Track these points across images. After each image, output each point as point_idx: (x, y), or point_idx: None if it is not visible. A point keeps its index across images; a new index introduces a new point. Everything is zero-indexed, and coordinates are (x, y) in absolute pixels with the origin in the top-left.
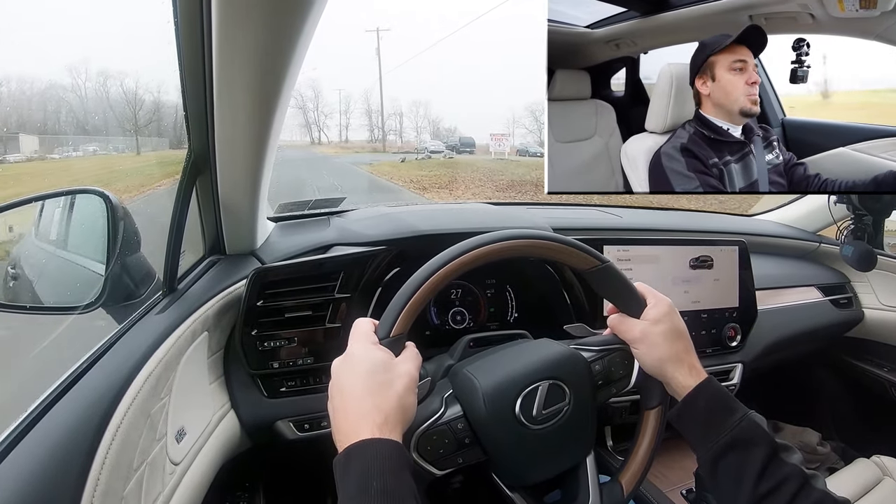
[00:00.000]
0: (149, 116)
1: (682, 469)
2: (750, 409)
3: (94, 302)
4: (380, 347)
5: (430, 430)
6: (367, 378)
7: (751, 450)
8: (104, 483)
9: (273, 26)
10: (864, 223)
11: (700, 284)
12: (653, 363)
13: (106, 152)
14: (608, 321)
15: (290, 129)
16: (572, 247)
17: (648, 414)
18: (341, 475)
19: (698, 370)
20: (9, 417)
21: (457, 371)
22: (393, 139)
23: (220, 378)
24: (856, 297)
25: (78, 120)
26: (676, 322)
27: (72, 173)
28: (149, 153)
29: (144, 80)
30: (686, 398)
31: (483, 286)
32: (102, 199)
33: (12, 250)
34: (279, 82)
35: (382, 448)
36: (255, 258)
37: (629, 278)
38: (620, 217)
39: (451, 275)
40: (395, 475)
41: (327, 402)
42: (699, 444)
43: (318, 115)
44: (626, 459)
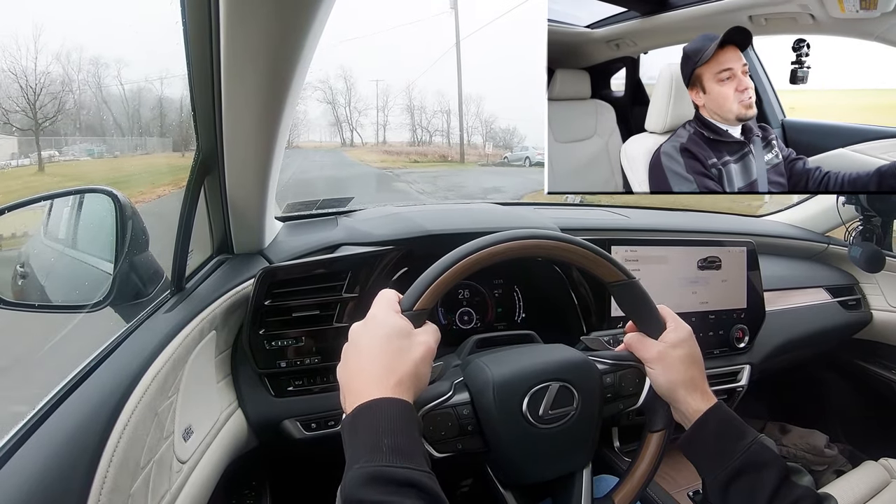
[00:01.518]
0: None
1: (689, 471)
2: (760, 434)
3: (103, 301)
4: (401, 316)
5: (436, 410)
6: (384, 341)
7: (762, 473)
8: (111, 480)
9: (281, 26)
10: (873, 224)
11: (708, 285)
12: (666, 385)
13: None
14: (626, 338)
15: (318, 128)
16: (603, 258)
17: (651, 437)
18: (350, 433)
19: (709, 396)
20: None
21: (469, 360)
22: (439, 141)
23: (227, 377)
24: (864, 299)
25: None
26: (694, 349)
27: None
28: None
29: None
30: (698, 422)
31: (491, 286)
32: (111, 199)
33: (21, 249)
34: (287, 82)
35: (394, 407)
36: (263, 258)
37: (641, 281)
38: (628, 217)
39: (481, 262)
40: (407, 434)
41: (338, 366)
42: (709, 468)
43: (350, 110)
44: (622, 478)
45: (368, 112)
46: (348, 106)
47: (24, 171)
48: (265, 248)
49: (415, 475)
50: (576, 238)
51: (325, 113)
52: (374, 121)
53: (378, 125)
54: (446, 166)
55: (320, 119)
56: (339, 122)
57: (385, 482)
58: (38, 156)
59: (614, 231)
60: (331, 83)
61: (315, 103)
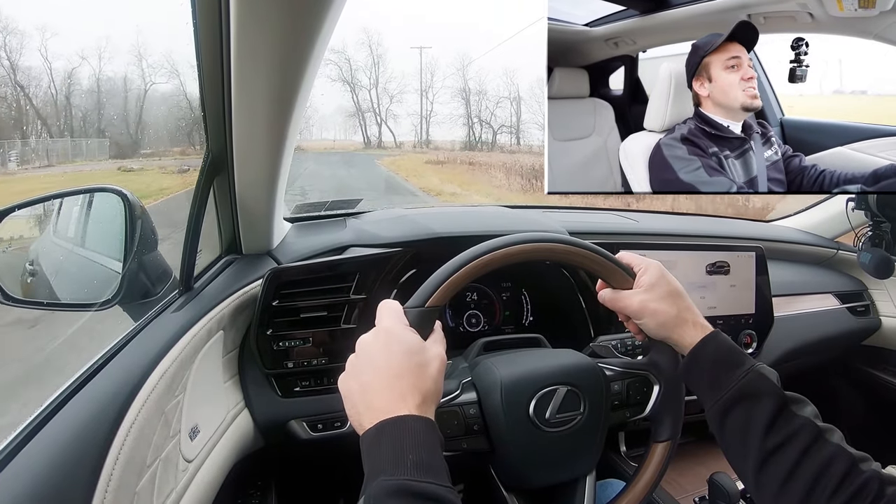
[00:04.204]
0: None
1: (694, 476)
2: (759, 362)
3: (111, 299)
4: (411, 329)
5: (442, 408)
6: (404, 358)
7: (758, 402)
8: (117, 478)
9: (291, 26)
10: (882, 230)
11: (716, 290)
12: (658, 329)
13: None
14: (600, 296)
15: (334, 125)
16: (615, 264)
17: (656, 447)
18: (372, 448)
19: (703, 325)
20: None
21: (478, 361)
22: (506, 141)
23: (234, 377)
24: (873, 305)
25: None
26: (672, 284)
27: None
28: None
29: None
30: (693, 351)
31: (498, 289)
32: (120, 198)
33: (31, 247)
34: (297, 82)
35: (417, 424)
36: (272, 258)
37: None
38: (637, 221)
39: (496, 262)
40: (430, 450)
41: (344, 376)
42: (706, 398)
43: (377, 94)
44: (624, 488)
45: (405, 97)
46: (375, 87)
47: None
48: (273, 249)
49: (439, 490)
50: (586, 242)
51: (338, 96)
52: (416, 109)
53: (422, 116)
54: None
55: (332, 108)
56: (360, 113)
57: (410, 495)
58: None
59: (623, 235)
60: (349, 53)
61: (325, 83)
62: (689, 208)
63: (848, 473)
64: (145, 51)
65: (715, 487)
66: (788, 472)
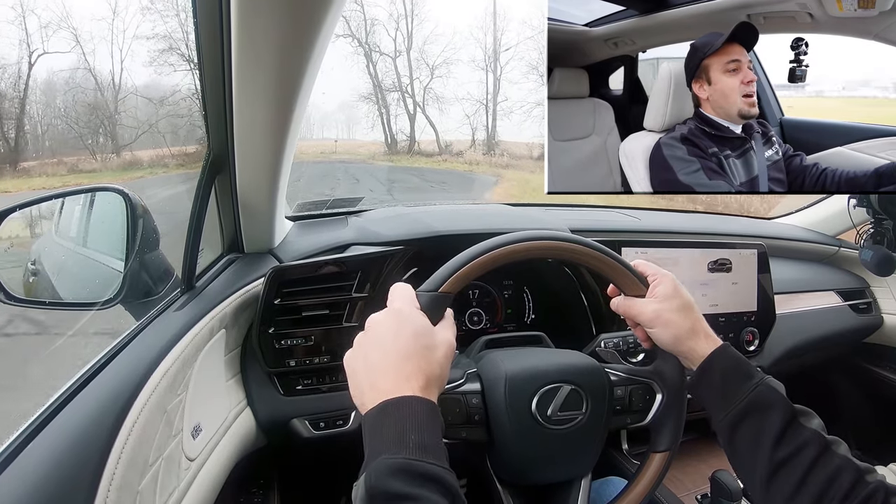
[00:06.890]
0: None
1: (697, 473)
2: (767, 375)
3: (113, 298)
4: (421, 312)
5: (445, 395)
6: (412, 339)
7: (768, 415)
8: (120, 477)
9: (292, 24)
10: (884, 227)
11: (718, 288)
12: (669, 340)
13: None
14: (613, 303)
15: (336, 124)
16: (630, 270)
17: (654, 456)
18: (374, 427)
19: (713, 338)
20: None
21: (484, 354)
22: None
23: (236, 375)
24: (875, 303)
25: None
26: (685, 296)
27: None
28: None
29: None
30: (702, 364)
31: (501, 287)
32: (122, 197)
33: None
34: (298, 80)
35: (421, 406)
36: (273, 257)
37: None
38: (638, 219)
39: (515, 256)
40: (432, 433)
41: (350, 353)
42: (716, 411)
43: (408, 63)
44: (618, 495)
45: (454, 69)
46: (407, 52)
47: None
48: (275, 248)
49: (440, 471)
50: (600, 246)
51: (344, 66)
52: (472, 91)
53: (488, 101)
54: None
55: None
56: (379, 93)
57: (412, 475)
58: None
59: (624, 233)
60: (373, 17)
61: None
62: (690, 202)
63: (855, 485)
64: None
65: (717, 485)
66: (797, 484)
